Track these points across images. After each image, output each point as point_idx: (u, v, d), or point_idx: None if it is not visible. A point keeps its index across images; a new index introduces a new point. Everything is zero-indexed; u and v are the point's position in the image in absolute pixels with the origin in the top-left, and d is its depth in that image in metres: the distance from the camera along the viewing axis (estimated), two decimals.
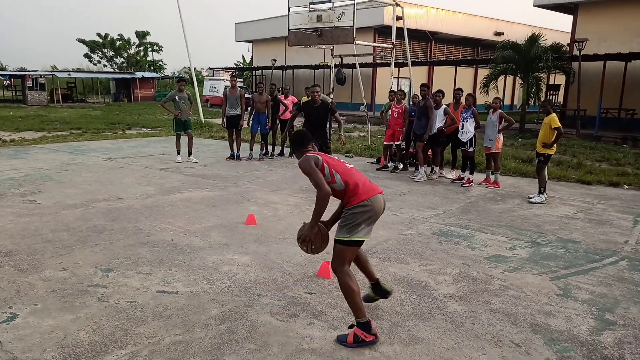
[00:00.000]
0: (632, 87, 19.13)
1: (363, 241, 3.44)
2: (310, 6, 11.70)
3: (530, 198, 7.86)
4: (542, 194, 7.84)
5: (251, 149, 11.60)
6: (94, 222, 6.00)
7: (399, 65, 23.95)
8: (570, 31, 21.81)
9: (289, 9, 12.19)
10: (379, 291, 3.87)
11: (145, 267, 4.61)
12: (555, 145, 7.86)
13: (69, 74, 42.20)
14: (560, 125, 7.68)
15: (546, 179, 7.98)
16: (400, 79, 26.40)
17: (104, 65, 53.75)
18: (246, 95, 12.22)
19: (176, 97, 10.71)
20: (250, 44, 43.50)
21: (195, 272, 4.53)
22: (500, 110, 8.93)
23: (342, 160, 3.63)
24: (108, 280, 4.27)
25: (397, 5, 13.05)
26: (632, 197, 8.39)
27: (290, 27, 12.24)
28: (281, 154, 12.31)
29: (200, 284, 4.25)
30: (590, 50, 18.90)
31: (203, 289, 4.15)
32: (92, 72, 50.25)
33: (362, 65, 22.97)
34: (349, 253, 3.44)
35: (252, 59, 45.01)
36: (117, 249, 5.07)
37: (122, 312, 3.70)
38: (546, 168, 7.96)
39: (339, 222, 3.52)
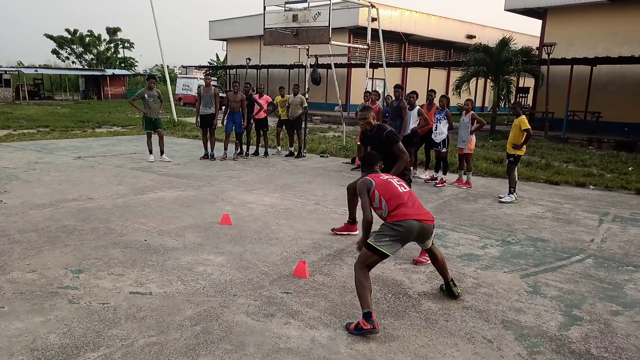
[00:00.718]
0: (597, 91, 19.80)
1: (385, 254, 3.70)
2: (286, 6, 11.67)
3: (501, 198, 8.04)
4: (512, 193, 8.03)
5: (226, 149, 11.50)
6: (63, 223, 5.85)
7: (373, 66, 24.17)
8: (539, 35, 22.40)
9: (264, 7, 12.13)
10: (449, 291, 4.15)
11: (118, 268, 4.53)
12: (524, 146, 8.06)
13: (36, 70, 41.04)
14: (529, 127, 7.89)
15: (516, 179, 8.17)
16: (375, 80, 26.62)
17: (73, 62, 52.36)
18: (220, 94, 12.11)
19: (146, 95, 10.52)
20: (225, 42, 43.14)
21: (169, 272, 4.47)
22: (472, 112, 9.11)
23: (398, 184, 3.94)
24: (79, 282, 4.18)
25: (372, 6, 13.15)
26: (597, 197, 8.68)
27: (265, 26, 12.18)
28: (256, 153, 12.25)
29: (175, 285, 4.20)
30: (558, 54, 19.47)
31: (177, 290, 4.10)
32: (60, 68, 48.81)
33: (337, 65, 23.06)
34: (370, 258, 3.71)
35: (226, 57, 44.65)
36: (88, 250, 4.95)
37: (94, 313, 3.62)
38: (516, 169, 8.15)
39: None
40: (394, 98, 9.65)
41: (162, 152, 10.82)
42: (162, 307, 3.78)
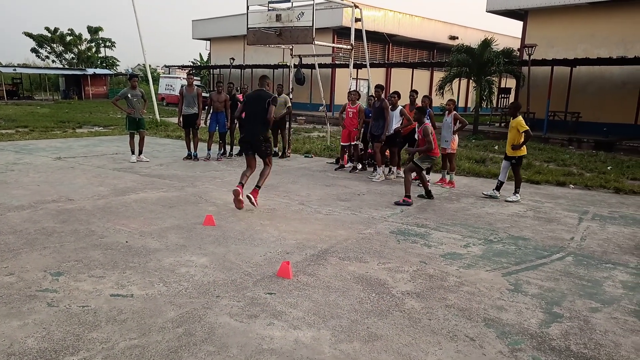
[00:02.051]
0: (577, 91, 20.15)
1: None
2: (270, 5, 11.63)
3: (507, 198, 8.16)
4: (517, 193, 8.19)
5: (209, 149, 11.42)
6: (42, 224, 5.74)
7: (357, 66, 24.23)
8: (520, 37, 22.71)
9: (247, 7, 12.07)
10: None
11: (98, 270, 4.46)
12: (524, 147, 8.16)
13: (14, 69, 40.26)
14: (528, 128, 7.97)
15: (521, 180, 8.36)
16: (359, 80, 26.69)
17: (53, 61, 51.47)
18: (203, 94, 12.02)
19: (129, 95, 10.39)
20: (208, 41, 42.84)
21: (151, 274, 4.41)
22: (454, 112, 9.18)
23: None
24: (58, 285, 4.10)
25: (356, 7, 13.19)
26: (577, 195, 8.83)
27: (249, 26, 12.13)
28: (240, 154, 12.19)
29: (157, 287, 4.15)
30: (539, 55, 19.76)
31: (159, 292, 4.05)
32: (40, 67, 47.94)
33: (321, 65, 23.07)
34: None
35: (209, 57, 44.33)
36: (67, 252, 4.87)
37: (74, 317, 3.56)
38: (519, 168, 8.34)
39: None
40: (375, 98, 9.70)
41: (140, 152, 10.69)
42: (144, 309, 3.73)
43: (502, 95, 25.86)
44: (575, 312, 4.00)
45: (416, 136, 9.31)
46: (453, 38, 35.61)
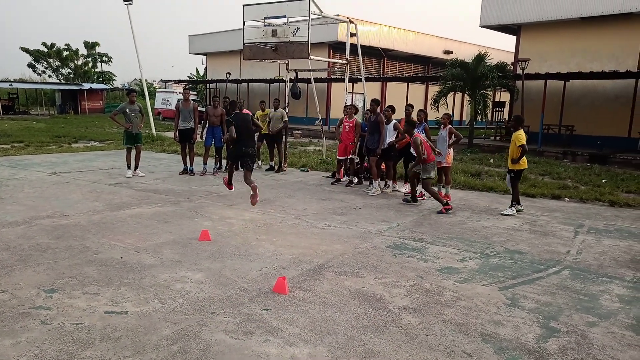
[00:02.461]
0: (570, 105, 20.32)
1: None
2: (266, 21, 11.74)
3: (502, 212, 8.18)
4: (513, 207, 8.20)
5: (205, 163, 11.42)
6: (36, 240, 5.70)
7: (353, 80, 24.40)
8: (514, 51, 22.95)
9: (243, 22, 12.18)
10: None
11: (93, 286, 4.42)
12: (524, 160, 8.21)
13: (11, 85, 40.32)
14: (524, 143, 8.02)
15: (519, 194, 8.34)
16: (354, 94, 26.85)
17: (49, 76, 51.57)
18: (200, 109, 12.05)
19: (127, 110, 10.41)
20: (204, 56, 43.07)
21: (146, 290, 4.38)
22: (450, 126, 9.23)
23: None
24: (52, 302, 4.06)
25: (351, 22, 13.32)
26: (572, 209, 8.85)
27: (245, 41, 12.21)
28: (236, 167, 12.18)
29: (151, 303, 4.11)
30: (532, 70, 19.96)
31: (154, 308, 4.02)
32: (36, 82, 48.06)
33: (317, 80, 23.20)
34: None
35: (206, 71, 44.56)
36: (61, 269, 4.83)
37: (67, 334, 3.52)
38: (518, 182, 8.34)
39: None
40: (371, 112, 9.77)
41: (136, 167, 10.69)
42: (138, 326, 3.69)
43: (497, 109, 26.05)
44: (573, 326, 3.99)
45: (411, 150, 9.37)
46: (447, 52, 35.94)
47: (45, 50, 50.11)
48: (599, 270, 5.43)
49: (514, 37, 22.93)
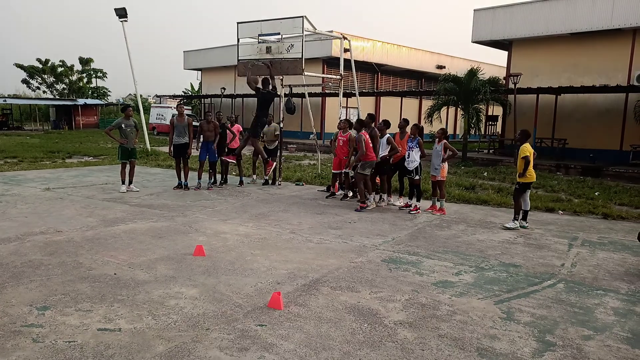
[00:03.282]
0: (562, 119, 20.55)
1: None
2: (260, 37, 11.85)
3: (505, 225, 8.15)
4: (516, 220, 8.13)
5: (199, 178, 11.41)
6: (29, 257, 5.65)
7: (347, 95, 24.56)
8: (506, 66, 23.24)
9: (238, 40, 12.27)
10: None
11: (86, 303, 4.38)
12: (531, 174, 8.04)
13: (5, 100, 40.31)
14: (527, 155, 7.96)
15: (521, 207, 8.20)
16: (348, 109, 27.02)
17: (44, 92, 51.57)
18: (194, 123, 12.07)
19: (123, 125, 10.41)
20: (199, 72, 43.28)
21: (139, 307, 4.34)
22: (444, 140, 9.30)
23: None
24: (44, 319, 4.01)
25: (345, 38, 13.46)
26: (566, 221, 8.89)
27: (239, 58, 12.30)
28: (239, 182, 12.18)
29: (145, 320, 4.07)
30: (524, 84, 20.21)
31: (148, 325, 3.98)
32: (30, 98, 48.04)
33: (311, 95, 23.36)
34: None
35: (200, 86, 44.72)
36: (54, 285, 4.78)
37: (60, 352, 3.47)
38: (521, 195, 8.14)
39: None
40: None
41: (130, 182, 10.66)
42: (132, 343, 3.65)
43: (490, 123, 26.29)
44: (568, 340, 3.99)
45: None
46: (440, 67, 36.33)
47: (40, 66, 50.21)
48: (593, 283, 5.44)
49: (506, 52, 23.23)
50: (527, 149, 8.08)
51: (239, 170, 12.21)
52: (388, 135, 9.73)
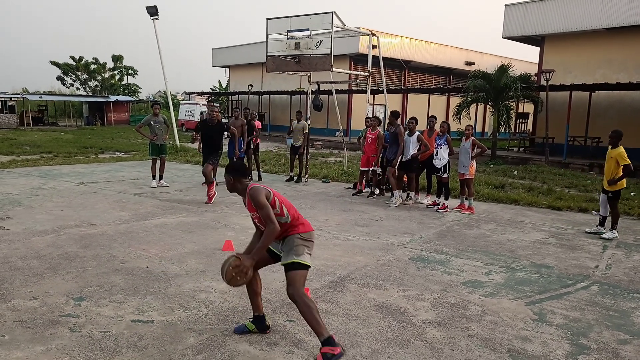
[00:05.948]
0: (596, 116, 19.94)
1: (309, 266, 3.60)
2: (289, 34, 11.89)
3: (603, 234, 7.51)
4: (615, 229, 7.49)
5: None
6: (65, 249, 5.83)
7: (374, 92, 24.40)
8: (537, 62, 22.69)
9: (267, 36, 12.35)
10: (260, 325, 3.80)
11: (119, 295, 4.50)
12: (624, 180, 7.44)
13: (41, 97, 41.48)
14: (629, 162, 7.20)
15: (619, 215, 7.63)
16: (375, 106, 26.86)
17: (77, 89, 52.99)
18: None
19: (152, 122, 10.63)
20: (227, 69, 43.71)
21: (171, 300, 4.43)
22: (473, 137, 9.16)
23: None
24: (80, 310, 4.14)
25: (373, 34, 13.37)
26: None
27: (268, 54, 12.38)
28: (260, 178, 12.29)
29: (177, 313, 4.16)
30: (556, 81, 19.68)
31: (179, 318, 4.06)
32: (65, 95, 49.39)
33: (338, 91, 23.31)
34: (304, 277, 3.54)
35: (228, 83, 45.18)
36: (89, 277, 4.93)
37: (95, 342, 3.58)
38: (615, 203, 7.53)
39: (288, 249, 3.59)
40: (389, 124, 9.81)
41: (160, 177, 10.88)
42: (164, 335, 3.74)
43: (520, 120, 25.73)
44: (603, 343, 3.88)
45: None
46: (469, 64, 35.72)
47: (74, 63, 51.60)
48: (629, 286, 5.28)
49: (537, 48, 22.67)
50: (625, 154, 7.32)
51: (257, 165, 12.38)
52: (418, 132, 9.63)
